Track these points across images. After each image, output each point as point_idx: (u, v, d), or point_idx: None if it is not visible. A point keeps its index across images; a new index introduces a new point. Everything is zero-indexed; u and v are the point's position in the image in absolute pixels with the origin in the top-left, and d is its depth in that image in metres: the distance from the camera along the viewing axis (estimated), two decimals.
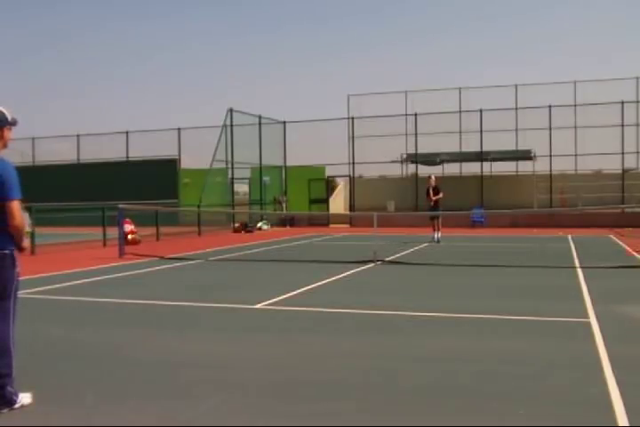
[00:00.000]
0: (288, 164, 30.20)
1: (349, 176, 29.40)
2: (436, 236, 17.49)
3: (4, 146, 4.11)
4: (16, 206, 3.95)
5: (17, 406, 3.99)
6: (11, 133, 4.14)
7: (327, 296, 8.65)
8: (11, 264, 4.01)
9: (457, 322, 6.84)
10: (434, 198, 17.82)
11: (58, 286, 9.72)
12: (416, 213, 24.26)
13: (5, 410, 3.96)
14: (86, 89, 73.87)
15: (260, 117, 28.02)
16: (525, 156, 27.49)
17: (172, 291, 9.37)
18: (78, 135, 32.91)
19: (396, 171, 30.07)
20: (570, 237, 19.17)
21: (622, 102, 26.17)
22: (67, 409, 4.03)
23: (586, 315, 6.98)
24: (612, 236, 19.46)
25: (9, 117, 4.12)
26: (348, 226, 26.85)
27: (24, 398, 4.05)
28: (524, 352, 5.44)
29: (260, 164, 28.24)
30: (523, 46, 69.33)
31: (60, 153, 33.64)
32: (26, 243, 4.16)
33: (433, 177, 18.56)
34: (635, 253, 14.04)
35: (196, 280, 10.62)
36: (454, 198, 26.44)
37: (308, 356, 5.41)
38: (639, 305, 7.63)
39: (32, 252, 14.57)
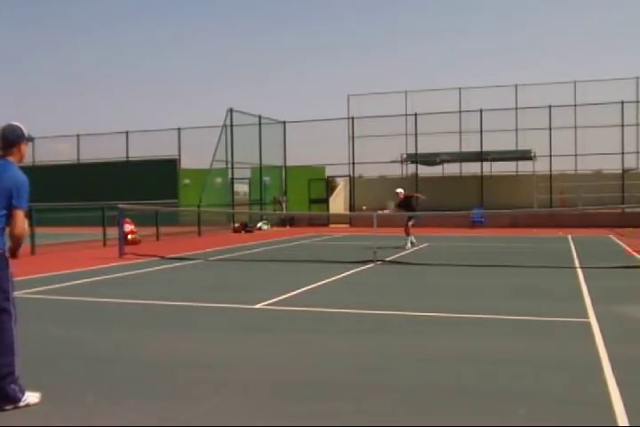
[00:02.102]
0: (288, 164, 30.21)
1: (349, 176, 29.40)
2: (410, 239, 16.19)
3: (21, 160, 4.33)
4: (20, 215, 4.09)
5: (22, 404, 4.01)
6: (27, 148, 4.37)
7: (327, 296, 8.65)
8: (4, 264, 4.08)
9: (457, 322, 6.84)
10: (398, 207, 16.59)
11: (58, 285, 9.72)
12: (416, 213, 24.23)
13: (9, 407, 3.98)
14: (86, 89, 73.90)
15: (260, 117, 28.02)
16: (525, 156, 27.50)
17: (172, 291, 9.37)
18: (78, 135, 32.91)
19: (396, 171, 30.11)
20: (570, 237, 19.17)
21: (622, 102, 26.18)
22: (67, 409, 4.03)
23: (586, 315, 6.98)
24: (611, 236, 19.46)
25: (26, 133, 4.34)
26: (347, 226, 26.85)
27: (30, 397, 4.06)
28: (524, 352, 5.44)
29: (260, 164, 28.23)
30: (523, 46, 69.38)
31: (60, 153, 33.66)
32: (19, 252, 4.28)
33: (401, 191, 17.06)
34: (635, 253, 14.04)
35: (196, 280, 10.62)
36: (454, 198, 26.49)
37: (308, 356, 5.41)
38: (639, 305, 7.63)
39: (32, 252, 14.57)
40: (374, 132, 28.45)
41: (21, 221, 4.10)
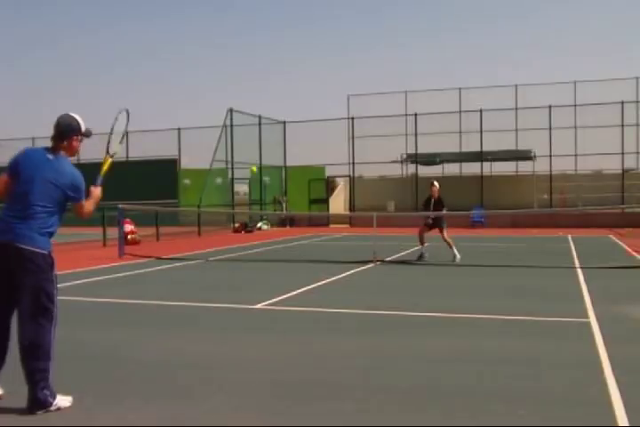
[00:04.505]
0: (288, 164, 30.20)
1: (349, 176, 29.39)
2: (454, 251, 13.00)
3: (72, 154, 4.20)
4: (84, 204, 4.29)
5: (53, 408, 3.94)
6: (79, 144, 4.22)
7: (327, 296, 8.65)
8: (48, 267, 4.04)
9: (457, 322, 6.84)
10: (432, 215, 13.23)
11: (58, 285, 9.70)
12: (416, 214, 24.25)
13: (40, 412, 3.92)
14: (86, 89, 73.89)
15: (260, 117, 28.02)
16: (525, 156, 27.49)
17: (172, 291, 9.37)
18: None
19: (395, 171, 30.09)
20: (570, 237, 19.16)
21: (622, 102, 26.17)
22: (66, 409, 4.03)
23: (586, 315, 6.98)
24: (611, 236, 19.46)
25: (82, 127, 4.16)
26: (347, 226, 26.84)
27: (62, 401, 4.00)
28: (523, 352, 5.44)
29: (260, 164, 28.22)
30: (523, 46, 69.34)
31: None
32: (98, 192, 4.45)
33: (437, 185, 13.46)
34: (635, 254, 14.03)
35: (196, 280, 10.62)
36: (454, 198, 26.44)
37: (307, 356, 5.41)
38: (639, 305, 7.63)
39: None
40: (374, 133, 28.43)
41: (87, 211, 4.27)
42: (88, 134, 4.20)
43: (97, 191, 4.40)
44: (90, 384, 4.58)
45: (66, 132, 4.09)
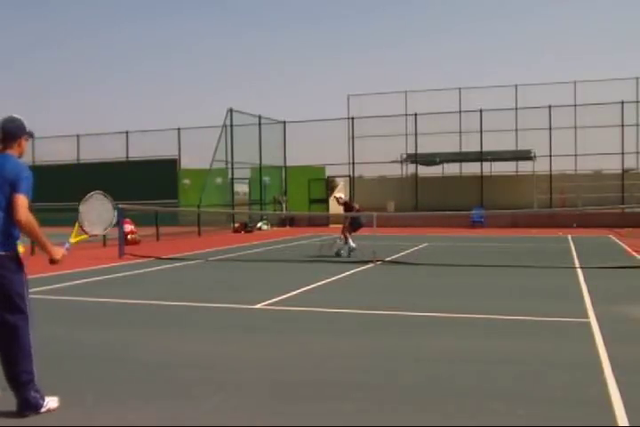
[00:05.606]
0: (288, 164, 30.20)
1: (349, 176, 29.39)
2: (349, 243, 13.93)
3: (21, 155, 4.08)
4: (19, 199, 3.83)
5: (43, 410, 3.94)
6: (27, 144, 4.13)
7: (327, 296, 8.65)
8: (14, 268, 3.92)
9: (456, 322, 6.84)
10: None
11: (58, 286, 9.72)
12: (416, 214, 24.27)
13: (31, 414, 3.91)
14: (86, 89, 73.91)
15: (259, 117, 28.01)
16: (525, 156, 27.50)
17: (172, 291, 9.37)
18: (78, 135, 32.91)
19: (395, 171, 30.10)
20: (570, 237, 19.16)
21: (622, 102, 26.18)
22: (67, 409, 4.03)
23: (586, 315, 6.97)
24: (611, 236, 19.45)
25: (27, 128, 4.10)
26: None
27: (50, 402, 4.00)
28: (524, 352, 5.44)
29: (260, 164, 28.23)
30: (523, 46, 69.39)
31: (60, 153, 33.66)
32: (58, 254, 4.09)
33: (341, 196, 15.42)
34: (635, 254, 14.03)
35: (196, 280, 10.62)
36: (454, 198, 26.49)
37: (308, 356, 5.41)
38: (639, 305, 7.63)
39: (32, 252, 14.55)
40: (374, 133, 28.46)
41: (22, 207, 3.80)
42: (32, 135, 4.14)
43: (59, 254, 4.15)
44: (90, 384, 4.58)
45: (15, 133, 4.03)
